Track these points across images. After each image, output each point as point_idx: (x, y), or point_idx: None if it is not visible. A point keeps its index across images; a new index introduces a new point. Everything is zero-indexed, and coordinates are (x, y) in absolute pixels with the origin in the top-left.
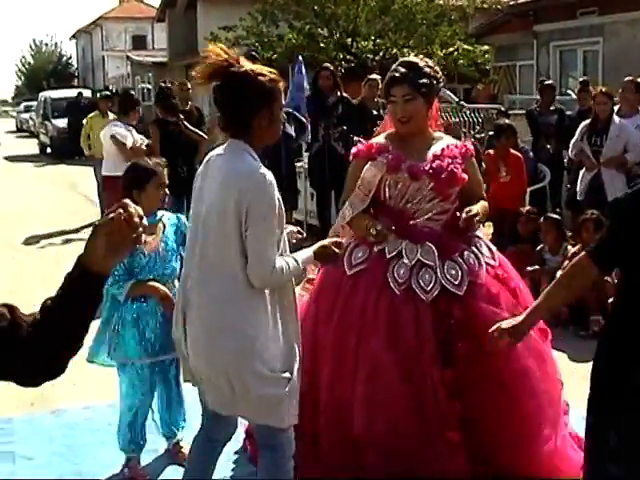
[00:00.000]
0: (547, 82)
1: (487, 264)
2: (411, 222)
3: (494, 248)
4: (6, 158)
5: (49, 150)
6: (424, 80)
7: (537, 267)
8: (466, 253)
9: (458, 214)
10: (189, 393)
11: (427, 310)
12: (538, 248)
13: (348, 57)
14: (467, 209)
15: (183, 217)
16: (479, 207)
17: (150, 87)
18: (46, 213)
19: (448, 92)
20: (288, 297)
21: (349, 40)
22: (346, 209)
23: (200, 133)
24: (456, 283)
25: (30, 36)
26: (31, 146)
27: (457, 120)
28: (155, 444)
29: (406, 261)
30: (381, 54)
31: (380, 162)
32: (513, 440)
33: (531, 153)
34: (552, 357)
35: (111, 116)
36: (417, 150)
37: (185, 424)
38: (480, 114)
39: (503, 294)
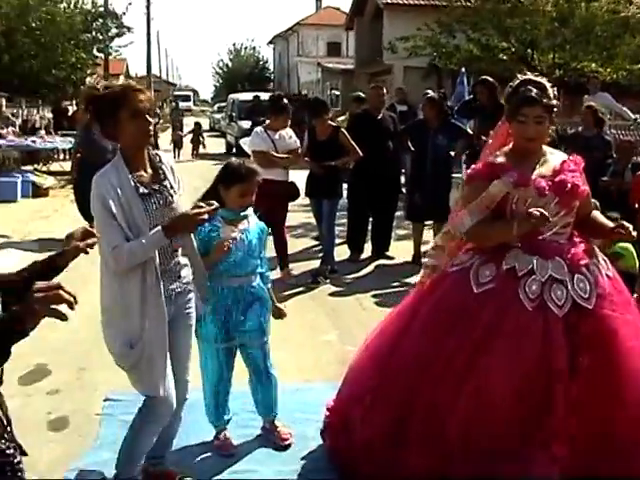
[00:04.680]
0: None
1: (607, 275)
2: (540, 237)
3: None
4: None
5: (234, 150)
6: (553, 102)
7: None
8: (591, 266)
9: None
10: None
11: (558, 324)
12: None
13: (528, 71)
14: (619, 222)
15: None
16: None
17: (338, 93)
18: None
19: (625, 109)
20: (151, 277)
21: (529, 51)
22: (465, 217)
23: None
24: (585, 297)
25: (229, 40)
26: (220, 145)
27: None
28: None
29: (538, 277)
30: (563, 69)
31: (507, 180)
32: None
33: None
34: None
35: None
36: (531, 166)
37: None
38: None
39: (623, 304)
